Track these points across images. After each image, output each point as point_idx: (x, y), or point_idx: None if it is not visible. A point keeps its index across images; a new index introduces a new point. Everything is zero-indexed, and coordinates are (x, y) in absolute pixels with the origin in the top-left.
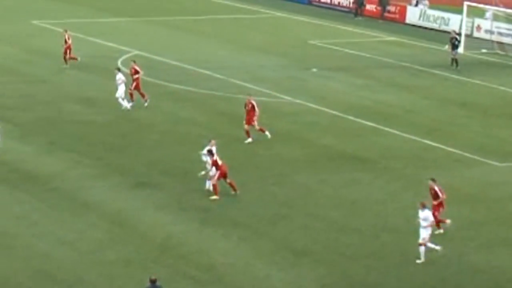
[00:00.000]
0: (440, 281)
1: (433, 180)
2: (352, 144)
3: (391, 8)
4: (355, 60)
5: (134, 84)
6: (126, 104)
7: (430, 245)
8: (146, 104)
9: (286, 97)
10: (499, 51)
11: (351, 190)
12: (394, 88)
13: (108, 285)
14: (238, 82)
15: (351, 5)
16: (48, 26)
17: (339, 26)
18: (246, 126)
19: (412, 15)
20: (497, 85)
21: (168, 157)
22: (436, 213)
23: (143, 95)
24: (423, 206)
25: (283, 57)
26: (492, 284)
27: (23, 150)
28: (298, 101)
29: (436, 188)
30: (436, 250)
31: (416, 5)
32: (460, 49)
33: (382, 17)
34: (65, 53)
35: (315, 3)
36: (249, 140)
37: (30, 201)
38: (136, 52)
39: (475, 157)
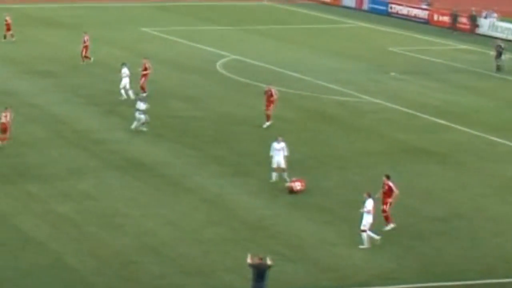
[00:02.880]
0: (506, 263)
1: (387, 176)
2: (425, 140)
3: (463, 19)
4: (429, 65)
5: (143, 79)
6: (130, 94)
7: (370, 233)
8: (143, 95)
9: (366, 97)
10: None
11: (424, 180)
12: (464, 90)
13: (206, 260)
14: (323, 83)
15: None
16: (156, 33)
17: (415, 35)
18: (267, 111)
19: (482, 26)
20: None
21: (260, 149)
22: (386, 208)
23: (143, 89)
24: (369, 196)
25: (365, 62)
26: None
27: (133, 141)
28: (377, 101)
29: (391, 184)
30: (376, 240)
31: (486, 17)
32: (503, 56)
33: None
34: (83, 52)
35: (393, 15)
36: (268, 123)
37: (138, 186)
38: (233, 56)
39: None
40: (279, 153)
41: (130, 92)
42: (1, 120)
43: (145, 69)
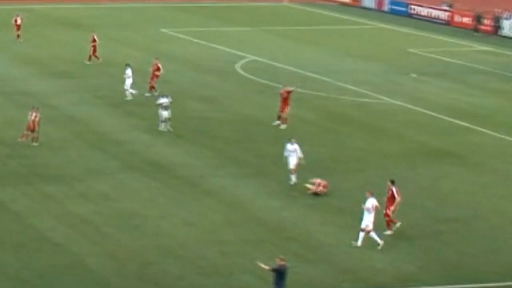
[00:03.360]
0: None
1: (392, 181)
2: (445, 141)
3: (486, 21)
4: (450, 67)
5: (155, 79)
6: (133, 91)
7: (374, 236)
8: (151, 95)
9: (386, 99)
10: None
11: (445, 182)
12: (485, 92)
13: (224, 261)
14: (343, 84)
15: (471, 21)
16: (175, 34)
17: (436, 37)
18: (283, 113)
19: (504, 28)
20: None
21: (279, 150)
22: (389, 212)
23: (154, 88)
24: (371, 194)
25: (385, 64)
26: None
27: (152, 142)
28: (397, 102)
29: (394, 190)
30: (378, 244)
31: (508, 19)
32: None
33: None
34: (92, 51)
35: (414, 16)
36: (277, 122)
37: (157, 187)
38: (252, 57)
39: None
40: (293, 155)
41: (128, 92)
42: (29, 119)
43: (157, 69)
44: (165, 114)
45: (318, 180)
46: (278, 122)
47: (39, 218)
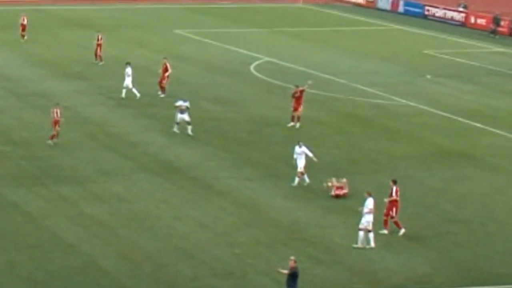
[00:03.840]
0: None
1: (394, 181)
2: (460, 143)
3: (503, 23)
4: (465, 68)
5: (167, 79)
6: (136, 93)
7: (371, 236)
8: (162, 96)
9: (401, 100)
10: None
11: (460, 184)
12: (501, 94)
13: (238, 263)
14: (357, 86)
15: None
16: (189, 35)
17: (451, 38)
18: (296, 112)
19: None
20: None
21: (293, 152)
22: (392, 213)
23: (164, 89)
24: (369, 195)
25: (399, 65)
26: None
27: (165, 143)
28: (412, 103)
29: (393, 189)
30: (371, 247)
31: None
32: None
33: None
34: (97, 50)
35: (429, 17)
36: (292, 124)
37: (171, 188)
38: (266, 58)
39: None
40: (301, 157)
41: (135, 91)
42: (52, 116)
43: (166, 69)
44: (181, 117)
45: (339, 184)
46: (292, 123)
47: (52, 219)
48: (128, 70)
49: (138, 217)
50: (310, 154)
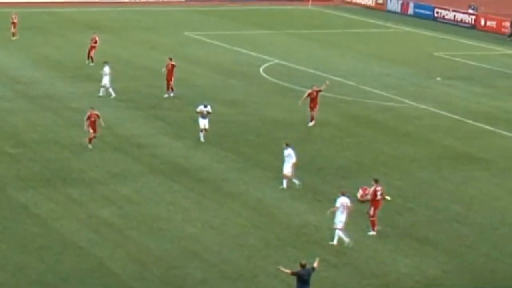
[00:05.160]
0: None
1: (376, 180)
2: (471, 145)
3: (507, 23)
4: (475, 71)
5: (173, 79)
6: (111, 93)
7: (342, 234)
8: (168, 95)
9: (411, 102)
10: None
11: (470, 186)
12: (511, 96)
13: (248, 265)
14: (367, 88)
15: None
16: (199, 37)
17: (462, 40)
18: (313, 112)
19: None
20: None
21: (303, 154)
22: (372, 212)
23: (172, 89)
24: (342, 194)
25: (410, 67)
26: None
27: (175, 145)
28: (422, 106)
29: (373, 189)
30: (346, 243)
31: None
32: None
33: None
34: (90, 51)
35: (439, 19)
36: (312, 123)
37: (180, 190)
38: (276, 61)
39: None
40: (288, 160)
41: (111, 90)
42: (91, 119)
43: (172, 68)
44: (203, 122)
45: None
46: (311, 123)
47: (62, 222)
48: (106, 69)
49: (148, 219)
50: (294, 159)
